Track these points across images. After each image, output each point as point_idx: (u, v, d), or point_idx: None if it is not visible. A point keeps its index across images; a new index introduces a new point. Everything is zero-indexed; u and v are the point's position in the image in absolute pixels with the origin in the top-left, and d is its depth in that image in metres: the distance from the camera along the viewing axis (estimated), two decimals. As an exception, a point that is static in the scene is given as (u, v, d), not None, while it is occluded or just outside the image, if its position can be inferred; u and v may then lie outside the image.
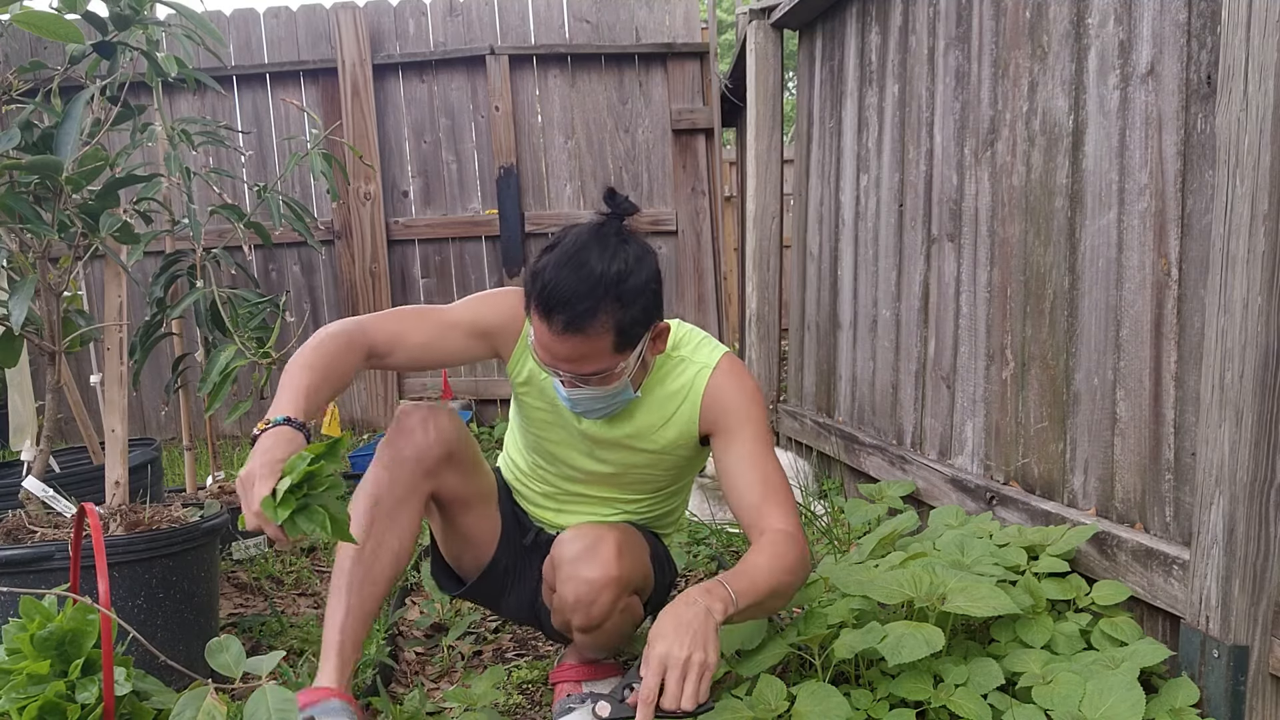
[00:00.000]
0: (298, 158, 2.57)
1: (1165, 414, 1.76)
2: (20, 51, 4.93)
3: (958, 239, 2.55)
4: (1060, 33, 2.07)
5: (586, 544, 1.66)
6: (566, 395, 1.60)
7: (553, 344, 1.49)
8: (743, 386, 1.68)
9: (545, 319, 1.47)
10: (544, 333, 1.49)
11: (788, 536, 1.57)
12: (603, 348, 1.49)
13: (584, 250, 1.47)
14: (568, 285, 1.44)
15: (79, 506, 1.65)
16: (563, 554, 1.69)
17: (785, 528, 1.58)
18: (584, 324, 1.45)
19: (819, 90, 3.72)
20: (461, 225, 5.18)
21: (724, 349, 1.73)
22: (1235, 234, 1.49)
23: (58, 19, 1.80)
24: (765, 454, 1.65)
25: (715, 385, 1.67)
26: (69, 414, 2.93)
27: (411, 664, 2.22)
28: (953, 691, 1.56)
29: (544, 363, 1.54)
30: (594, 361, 1.50)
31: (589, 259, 1.46)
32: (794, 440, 3.85)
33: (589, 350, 1.48)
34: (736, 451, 1.65)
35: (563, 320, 1.45)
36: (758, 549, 1.56)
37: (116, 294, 2.20)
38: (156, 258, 3.05)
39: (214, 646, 1.53)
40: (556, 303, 1.45)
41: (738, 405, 1.66)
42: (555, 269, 1.46)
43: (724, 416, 1.67)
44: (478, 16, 5.09)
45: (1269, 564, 1.52)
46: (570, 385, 1.57)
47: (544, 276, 1.46)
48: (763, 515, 1.59)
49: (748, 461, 1.63)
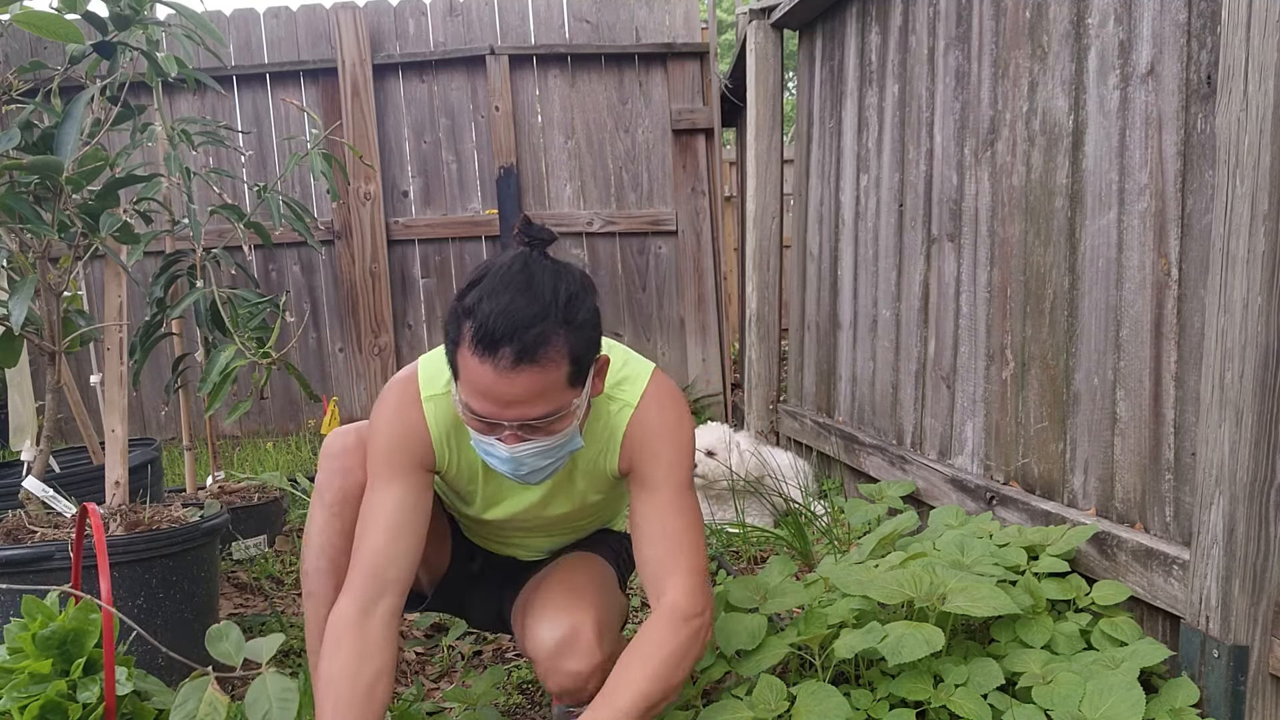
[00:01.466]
0: (298, 158, 2.57)
1: (1165, 414, 1.76)
2: (20, 51, 4.93)
3: (958, 239, 2.55)
4: (1060, 33, 2.07)
5: (564, 633, 1.53)
6: (508, 455, 1.39)
7: (498, 385, 1.30)
8: (663, 423, 1.52)
9: (489, 356, 1.28)
10: (486, 376, 1.30)
11: (672, 619, 1.43)
12: (556, 380, 1.33)
13: (521, 277, 1.32)
14: (514, 312, 1.28)
15: (80, 506, 1.65)
16: (540, 644, 1.55)
17: (678, 598, 1.44)
18: (536, 352, 1.29)
19: (819, 90, 3.72)
20: (461, 225, 5.18)
21: (647, 374, 1.56)
22: (1235, 234, 1.49)
23: (58, 19, 1.80)
24: (678, 502, 1.51)
25: (635, 424, 1.52)
26: (69, 414, 2.93)
27: (411, 664, 2.23)
28: (953, 691, 1.56)
29: (484, 417, 1.34)
30: (547, 400, 1.33)
31: (530, 284, 1.32)
32: (794, 440, 3.85)
33: (542, 385, 1.31)
34: (648, 501, 1.51)
35: (512, 352, 1.28)
36: (632, 657, 1.42)
37: (116, 294, 2.20)
38: (156, 258, 3.05)
39: (214, 634, 1.54)
40: (502, 334, 1.27)
41: (654, 448, 1.51)
42: (493, 299, 1.30)
43: (640, 456, 1.52)
44: (478, 16, 5.09)
45: (1269, 564, 1.52)
46: (514, 439, 1.37)
47: (481, 310, 1.29)
48: (663, 581, 1.47)
49: (658, 515, 1.50)
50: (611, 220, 5.11)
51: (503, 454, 1.39)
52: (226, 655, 1.53)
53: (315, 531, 1.62)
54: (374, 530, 1.49)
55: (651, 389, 1.54)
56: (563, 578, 1.67)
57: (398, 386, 1.54)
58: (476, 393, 1.32)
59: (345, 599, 1.46)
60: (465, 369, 1.32)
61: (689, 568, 1.48)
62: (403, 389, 1.53)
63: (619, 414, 1.53)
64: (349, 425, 1.65)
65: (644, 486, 1.52)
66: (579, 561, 1.74)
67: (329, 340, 5.30)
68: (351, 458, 1.60)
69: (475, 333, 1.29)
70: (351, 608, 1.45)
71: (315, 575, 1.61)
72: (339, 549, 1.57)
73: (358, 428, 1.63)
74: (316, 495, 1.63)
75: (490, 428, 1.36)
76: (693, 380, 5.16)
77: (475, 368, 1.30)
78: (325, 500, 1.61)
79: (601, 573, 1.73)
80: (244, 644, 1.54)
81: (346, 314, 5.22)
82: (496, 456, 1.41)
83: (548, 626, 1.55)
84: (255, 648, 1.54)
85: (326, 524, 1.60)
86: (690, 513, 1.52)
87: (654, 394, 1.54)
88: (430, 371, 1.54)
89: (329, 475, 1.61)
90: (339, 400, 5.13)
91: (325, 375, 5.30)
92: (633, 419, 1.52)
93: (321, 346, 5.31)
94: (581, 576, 1.68)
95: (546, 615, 1.57)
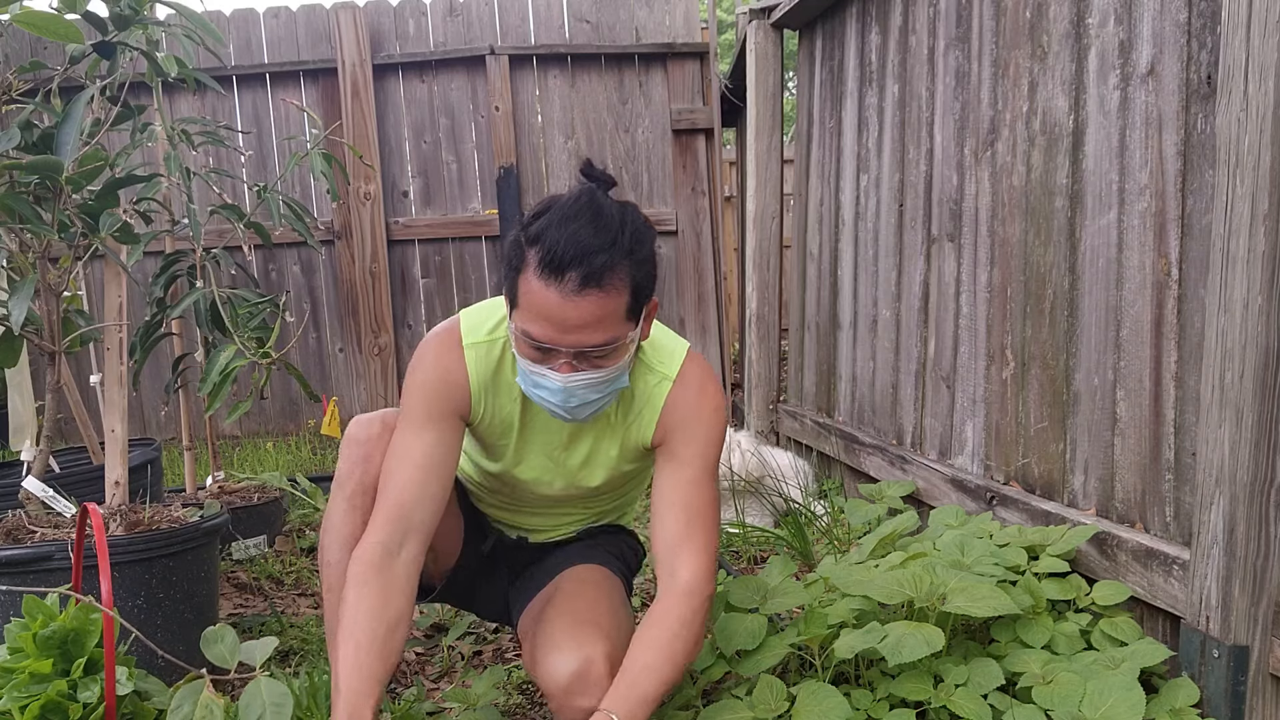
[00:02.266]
0: (298, 158, 2.57)
1: (1165, 414, 1.76)
2: (20, 51, 4.93)
3: (958, 239, 2.55)
4: (1060, 33, 2.07)
5: (577, 667, 1.50)
6: (561, 385, 1.40)
7: (562, 308, 1.32)
8: (702, 403, 1.55)
9: (555, 279, 1.31)
10: (550, 299, 1.32)
11: (690, 602, 1.46)
12: (617, 309, 1.36)
13: (590, 208, 1.35)
14: (582, 238, 1.31)
15: (81, 506, 1.65)
16: (552, 679, 1.52)
17: (691, 579, 1.47)
18: (602, 278, 1.32)
19: (819, 90, 3.72)
20: (461, 225, 5.18)
21: (684, 350, 1.60)
22: (1235, 234, 1.49)
23: (58, 19, 1.80)
24: (703, 481, 1.54)
25: (674, 400, 1.55)
26: (69, 414, 2.93)
27: (411, 664, 2.23)
28: (953, 691, 1.56)
29: (542, 342, 1.37)
30: (606, 327, 1.36)
31: (599, 215, 1.35)
32: (794, 440, 3.85)
33: (604, 311, 1.34)
34: (674, 475, 1.54)
35: (579, 275, 1.31)
36: (645, 641, 1.43)
37: (116, 294, 2.20)
38: (156, 258, 3.05)
39: (209, 636, 1.53)
40: (571, 258, 1.30)
41: (692, 428, 1.54)
42: (562, 225, 1.33)
43: (674, 433, 1.55)
44: (478, 16, 5.09)
45: (1269, 564, 1.52)
46: (568, 368, 1.39)
47: (549, 235, 1.32)
48: (677, 556, 1.49)
49: (682, 489, 1.52)
50: (611, 220, 5.11)
51: (554, 384, 1.40)
52: (221, 658, 1.53)
53: (335, 523, 1.60)
54: (403, 470, 1.49)
55: (691, 366, 1.57)
56: (571, 600, 1.64)
57: (439, 334, 1.56)
58: (539, 317, 1.34)
59: (371, 539, 1.46)
60: (528, 294, 1.35)
61: (705, 546, 1.50)
62: (444, 336, 1.55)
63: (658, 386, 1.55)
64: (374, 413, 1.64)
65: (673, 460, 1.54)
66: (589, 577, 1.72)
67: (329, 340, 5.30)
68: (374, 446, 1.59)
69: (543, 256, 1.32)
70: (377, 549, 1.45)
71: (336, 568, 1.58)
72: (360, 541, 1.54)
73: (383, 416, 1.63)
74: (337, 485, 1.61)
75: (545, 355, 1.39)
76: (693, 380, 5.16)
77: (540, 291, 1.33)
78: (346, 491, 1.59)
79: (610, 590, 1.70)
80: (239, 647, 1.54)
81: (346, 314, 5.22)
82: (546, 388, 1.42)
83: (559, 659, 1.52)
84: (250, 651, 1.53)
85: (346, 515, 1.59)
86: (714, 495, 1.55)
87: (694, 372, 1.57)
88: (473, 321, 1.56)
89: (350, 465, 1.60)
90: (339, 400, 5.13)
91: (325, 375, 5.30)
92: (672, 393, 1.55)
93: (321, 346, 5.31)
94: (590, 596, 1.65)
95: (557, 645, 1.54)
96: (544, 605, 1.67)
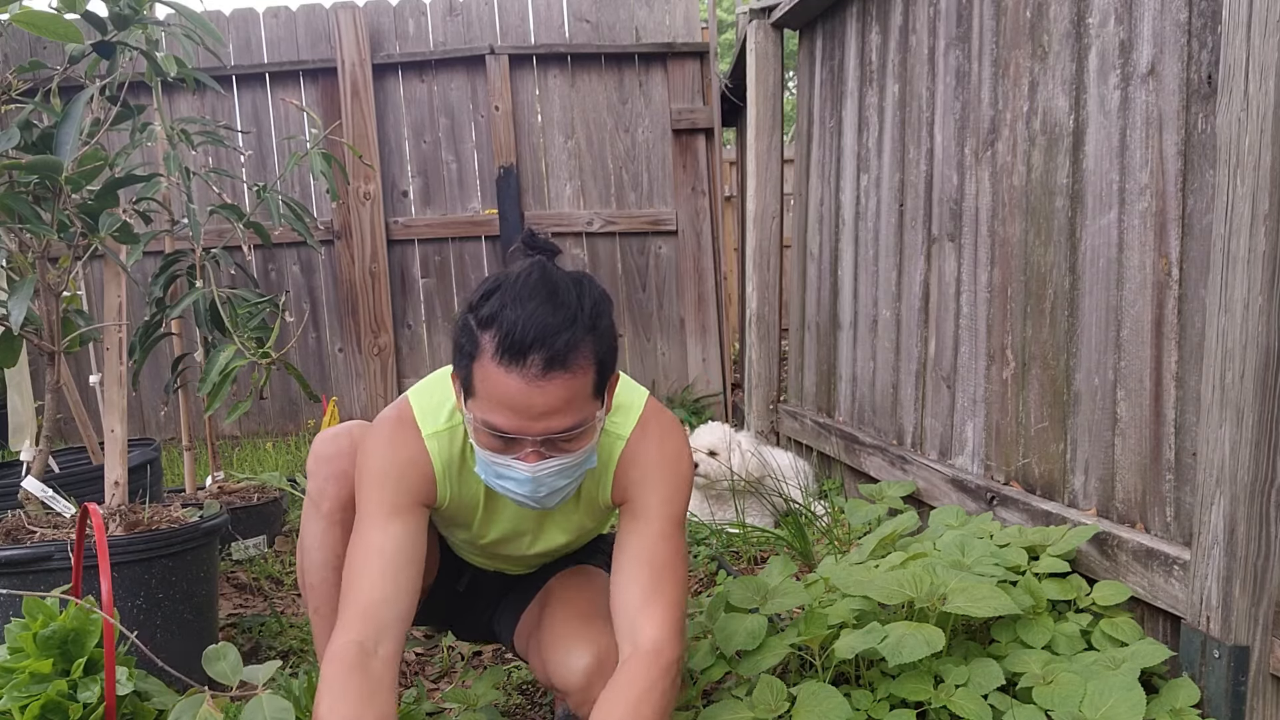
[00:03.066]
0: (297, 158, 2.56)
1: (1166, 414, 1.76)
2: (20, 51, 4.93)
3: (958, 239, 2.55)
4: (1061, 32, 2.07)
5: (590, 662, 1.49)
6: (529, 475, 1.32)
7: (527, 395, 1.25)
8: (663, 454, 1.47)
9: (517, 364, 1.24)
10: (513, 386, 1.24)
11: (654, 660, 1.36)
12: (583, 389, 1.28)
13: (544, 283, 1.28)
14: (540, 317, 1.24)
15: (82, 507, 1.65)
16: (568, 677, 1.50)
17: (658, 637, 1.38)
18: (567, 359, 1.25)
19: (819, 90, 3.72)
20: (461, 225, 5.18)
21: (642, 401, 1.52)
22: (1236, 234, 1.49)
23: (57, 19, 1.80)
24: (670, 534, 1.45)
25: (631, 455, 1.47)
26: (68, 414, 2.93)
27: (411, 664, 2.22)
28: (953, 692, 1.55)
29: (508, 432, 1.28)
30: (574, 410, 1.28)
31: (555, 292, 1.27)
32: (794, 440, 3.85)
33: (571, 393, 1.27)
34: (638, 531, 1.45)
35: (542, 359, 1.23)
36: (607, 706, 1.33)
37: (116, 294, 2.19)
38: (156, 258, 3.05)
39: (210, 654, 1.53)
40: (532, 340, 1.23)
41: (652, 480, 1.47)
42: (517, 305, 1.25)
43: (635, 487, 1.47)
44: (477, 16, 5.09)
45: (1269, 564, 1.52)
46: (535, 457, 1.31)
47: (505, 317, 1.24)
48: (642, 613, 1.39)
49: (646, 543, 1.44)
50: (611, 220, 5.11)
51: (521, 475, 1.33)
52: (224, 675, 1.52)
53: (314, 544, 1.55)
54: (371, 566, 1.39)
55: (649, 418, 1.49)
56: (569, 600, 1.63)
57: (394, 423, 1.47)
58: (502, 406, 1.26)
59: (344, 637, 1.35)
60: (486, 381, 1.27)
61: (673, 602, 1.41)
62: (399, 425, 1.46)
63: (611, 445, 1.48)
64: (339, 426, 1.59)
65: (636, 516, 1.47)
66: (579, 579, 1.70)
67: (328, 340, 5.30)
68: (346, 461, 1.52)
69: (501, 342, 1.24)
70: (352, 648, 1.33)
71: (321, 589, 1.55)
72: (344, 558, 1.49)
73: (349, 429, 1.57)
74: (310, 504, 1.56)
75: (510, 445, 1.31)
76: (693, 380, 5.16)
77: (500, 379, 1.25)
78: (323, 509, 1.54)
79: (603, 584, 1.68)
80: (241, 666, 1.53)
81: (346, 314, 5.22)
82: (512, 479, 1.35)
83: (573, 658, 1.50)
84: (254, 672, 1.52)
85: (326, 533, 1.54)
86: (680, 549, 1.46)
87: (651, 424, 1.49)
88: (425, 406, 1.48)
89: (323, 481, 1.54)
90: (338, 400, 5.13)
91: (325, 375, 5.30)
92: (626, 450, 1.47)
93: (321, 346, 5.31)
94: (586, 593, 1.64)
95: (567, 646, 1.52)
96: (540, 613, 1.66)
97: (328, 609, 1.53)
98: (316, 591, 1.57)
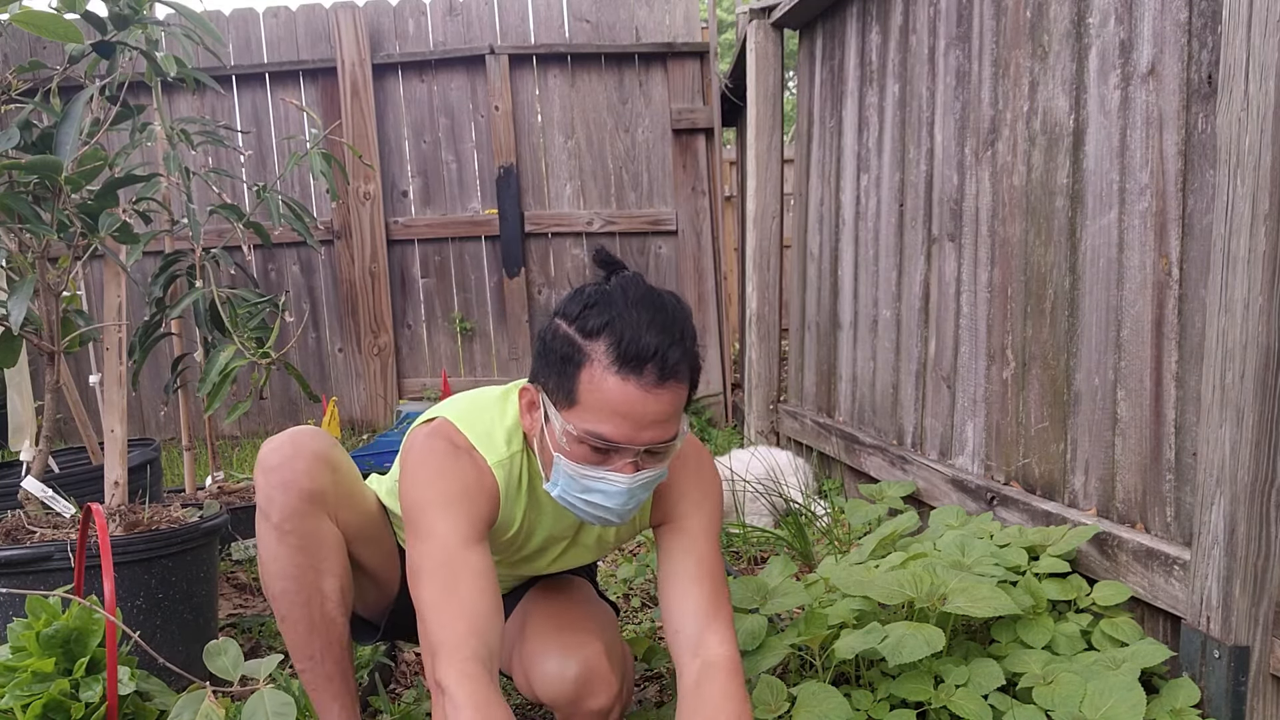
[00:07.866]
0: (297, 158, 2.56)
1: (1166, 414, 1.76)
2: (20, 51, 4.93)
3: (958, 239, 2.55)
4: (1061, 32, 2.07)
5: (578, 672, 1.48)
6: (625, 487, 1.32)
7: (644, 403, 1.26)
8: (701, 474, 1.51)
9: (635, 372, 1.25)
10: (629, 394, 1.25)
11: (735, 675, 1.39)
12: (683, 401, 1.31)
13: (650, 297, 1.30)
14: (656, 329, 1.26)
15: (84, 507, 1.65)
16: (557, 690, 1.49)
17: (732, 653, 1.41)
18: (678, 369, 1.27)
19: (819, 90, 3.72)
20: (461, 225, 5.18)
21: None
22: (1236, 234, 1.49)
23: (57, 19, 1.80)
24: (716, 551, 1.49)
25: (674, 476, 1.48)
26: (68, 414, 2.93)
27: (411, 664, 2.22)
28: (953, 692, 1.56)
29: (616, 441, 1.28)
30: (675, 420, 1.31)
31: (661, 304, 1.29)
32: (794, 440, 3.85)
33: (679, 403, 1.30)
34: (688, 549, 1.47)
35: (656, 368, 1.25)
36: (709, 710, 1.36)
37: (116, 294, 2.19)
38: (156, 258, 3.05)
39: (212, 649, 1.53)
40: (650, 351, 1.24)
41: (697, 500, 1.49)
42: (630, 315, 1.26)
43: (678, 506, 1.49)
44: (477, 16, 5.09)
45: (1270, 564, 1.52)
46: (633, 468, 1.32)
47: (619, 327, 1.26)
48: (705, 637, 1.42)
49: (702, 562, 1.46)
50: (611, 220, 5.11)
51: (616, 486, 1.32)
52: (225, 670, 1.52)
53: (269, 556, 1.52)
54: (474, 589, 1.32)
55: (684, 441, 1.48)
56: (549, 609, 1.62)
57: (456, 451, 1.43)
58: (615, 414, 1.27)
59: (462, 653, 1.26)
60: (598, 391, 1.26)
61: (729, 614, 1.46)
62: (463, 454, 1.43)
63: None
64: (282, 435, 1.54)
65: (684, 534, 1.48)
66: (558, 589, 1.69)
67: (328, 340, 5.30)
68: (294, 468, 1.48)
69: (614, 350, 1.25)
70: (477, 666, 1.25)
71: (284, 598, 1.52)
72: (300, 565, 1.49)
73: (291, 437, 1.53)
74: (261, 515, 1.52)
75: (609, 457, 1.31)
76: (692, 380, 5.16)
77: (616, 387, 1.25)
78: (273, 519, 1.49)
79: (582, 590, 1.69)
80: (242, 660, 1.53)
81: (346, 314, 5.22)
82: (602, 491, 1.34)
83: (559, 670, 1.49)
84: (254, 667, 1.53)
85: (279, 543, 1.50)
86: (722, 565, 1.50)
87: (688, 446, 1.51)
88: (478, 432, 1.46)
89: (271, 490, 1.49)
90: (338, 400, 5.13)
91: (325, 375, 5.30)
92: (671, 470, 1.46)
93: (321, 346, 5.31)
94: (565, 602, 1.63)
95: (551, 657, 1.51)
96: (520, 626, 1.63)
97: (294, 617, 1.52)
98: (280, 601, 1.53)
